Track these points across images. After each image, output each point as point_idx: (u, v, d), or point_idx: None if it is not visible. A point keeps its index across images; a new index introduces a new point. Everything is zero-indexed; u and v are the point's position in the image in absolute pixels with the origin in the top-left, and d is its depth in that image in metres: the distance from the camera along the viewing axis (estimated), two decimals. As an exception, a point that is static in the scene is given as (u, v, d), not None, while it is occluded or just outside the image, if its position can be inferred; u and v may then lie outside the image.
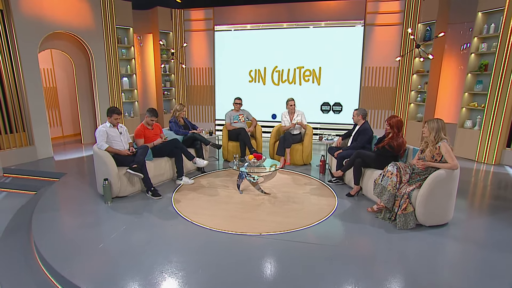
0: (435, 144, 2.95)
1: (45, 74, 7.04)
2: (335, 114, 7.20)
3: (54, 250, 2.59)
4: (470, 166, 5.20)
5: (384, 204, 3.05)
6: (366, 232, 2.93)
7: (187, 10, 7.59)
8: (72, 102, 7.53)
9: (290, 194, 3.84)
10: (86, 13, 6.08)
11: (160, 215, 3.32)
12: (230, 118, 5.47)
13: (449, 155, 2.83)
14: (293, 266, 2.37)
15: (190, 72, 7.98)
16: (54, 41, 6.06)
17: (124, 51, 7.00)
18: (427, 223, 2.93)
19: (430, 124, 2.98)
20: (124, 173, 3.69)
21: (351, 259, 2.47)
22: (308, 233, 2.88)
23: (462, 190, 4.07)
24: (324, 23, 6.91)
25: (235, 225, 3.01)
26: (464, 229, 3.00)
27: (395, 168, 3.05)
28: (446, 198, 2.91)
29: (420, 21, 6.23)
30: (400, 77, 6.65)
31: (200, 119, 8.20)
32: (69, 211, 3.56)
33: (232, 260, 2.45)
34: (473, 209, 3.52)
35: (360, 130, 4.11)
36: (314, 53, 7.08)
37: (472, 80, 5.62)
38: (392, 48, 6.62)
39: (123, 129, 3.97)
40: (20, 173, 4.80)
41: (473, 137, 5.57)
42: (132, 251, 2.58)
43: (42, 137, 5.52)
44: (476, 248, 2.66)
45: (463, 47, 6.07)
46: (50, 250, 2.58)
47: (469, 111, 5.78)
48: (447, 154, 2.84)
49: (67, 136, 7.61)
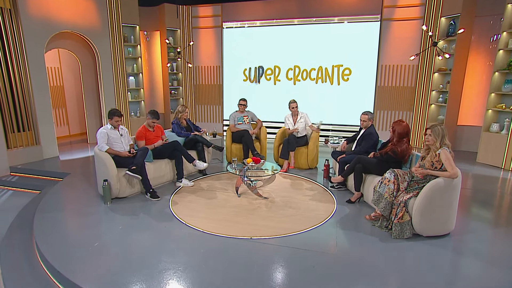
0: (436, 151, 3.07)
1: (52, 73, 7.63)
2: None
3: (54, 249, 2.95)
4: (496, 175, 5.17)
5: (380, 212, 3.20)
6: (359, 240, 3.10)
7: (195, 7, 7.95)
8: (79, 101, 8.10)
9: (288, 199, 4.06)
10: (92, 12, 6.57)
11: (156, 216, 3.64)
12: (234, 120, 5.75)
13: (449, 163, 2.95)
14: (279, 270, 2.60)
15: (197, 70, 8.34)
16: (60, 41, 6.60)
17: (131, 50, 7.46)
18: (425, 233, 3.06)
19: (434, 131, 3.08)
20: (124, 175, 4.05)
21: (336, 267, 2.65)
22: (299, 239, 3.08)
23: (481, 200, 4.12)
24: (337, 18, 7.05)
25: (227, 229, 3.27)
26: (466, 241, 3.09)
27: (392, 175, 3.20)
28: (445, 208, 3.01)
29: (443, 15, 6.23)
30: (420, 76, 6.67)
31: (208, 119, 8.54)
32: (69, 211, 3.96)
33: (220, 263, 2.71)
34: (486, 221, 3.55)
35: (365, 134, 4.25)
36: (328, 50, 7.22)
37: (500, 79, 5.58)
38: (411, 45, 6.65)
39: (124, 131, 4.34)
40: (25, 172, 5.32)
41: (500, 142, 5.52)
42: (125, 250, 2.91)
43: (48, 137, 6.04)
44: (472, 262, 2.76)
45: (493, 38, 5.99)
46: (50, 249, 2.93)
47: (496, 113, 5.74)
48: (447, 162, 2.96)
49: (73, 135, 8.20)
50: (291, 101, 5.34)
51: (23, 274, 2.82)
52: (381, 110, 7.08)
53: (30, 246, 3.21)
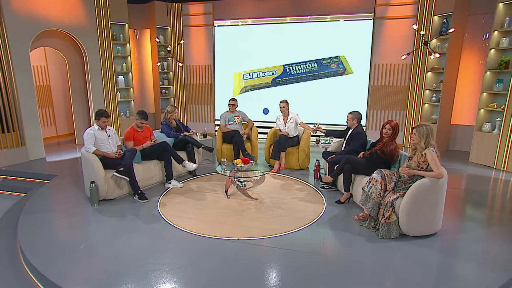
0: (422, 151, 3.18)
1: (38, 71, 7.63)
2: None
3: (39, 251, 3.00)
4: (487, 174, 5.30)
5: (367, 212, 3.30)
6: (346, 240, 3.21)
7: (186, 4, 8.00)
8: (66, 101, 8.11)
9: (278, 199, 4.15)
10: (79, 9, 6.60)
11: (144, 218, 3.71)
12: (225, 120, 5.83)
13: (435, 163, 3.05)
14: (264, 272, 2.68)
15: (188, 69, 8.40)
16: (47, 39, 6.61)
17: (120, 48, 7.49)
18: (411, 233, 3.16)
19: (419, 131, 3.20)
20: (111, 176, 4.10)
21: (324, 268, 2.74)
22: (286, 240, 3.17)
23: (469, 200, 4.24)
24: (330, 17, 7.15)
25: (215, 230, 3.35)
26: (452, 241, 3.20)
27: (379, 176, 3.30)
28: (432, 208, 3.12)
29: (436, 13, 6.36)
30: (413, 75, 6.80)
31: (200, 119, 8.60)
32: (55, 213, 4.01)
33: (207, 263, 2.79)
34: (473, 221, 3.66)
35: (353, 134, 4.36)
36: (320, 49, 7.32)
37: (492, 78, 5.71)
38: (404, 43, 6.77)
39: (111, 132, 4.40)
40: (10, 174, 5.33)
41: (491, 142, 5.66)
42: (112, 252, 2.98)
43: (34, 138, 6.05)
44: (456, 262, 2.86)
45: (485, 37, 6.13)
46: (34, 252, 2.98)
47: (488, 112, 5.87)
48: (432, 162, 3.07)
49: (61, 136, 8.21)
50: (281, 101, 5.43)
51: (6, 278, 2.86)
52: (375, 110, 7.20)
53: (14, 248, 3.26)
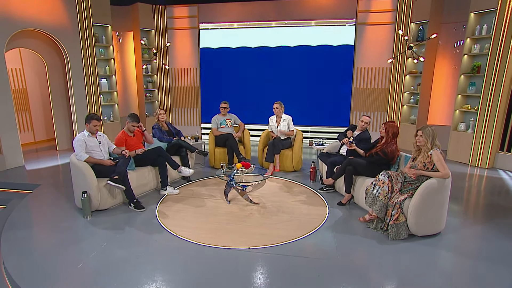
0: (428, 151, 3.08)
1: (13, 74, 6.89)
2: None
3: (26, 272, 2.57)
4: (463, 171, 5.41)
5: (376, 214, 3.16)
6: (358, 243, 3.04)
7: (170, 7, 7.58)
8: (45, 105, 7.40)
9: (279, 203, 3.92)
10: (60, 9, 6.00)
11: (143, 229, 3.33)
12: (217, 123, 5.51)
13: (441, 164, 2.97)
14: (283, 282, 2.44)
15: (174, 73, 7.96)
16: (23, 40, 5.95)
17: (102, 51, 6.94)
18: (419, 233, 3.06)
19: (425, 132, 3.09)
20: (105, 185, 3.67)
21: (342, 274, 2.55)
22: (298, 246, 2.96)
23: (455, 197, 4.24)
24: (314, 22, 7.04)
25: (222, 239, 3.06)
26: (456, 239, 3.14)
27: (386, 177, 3.17)
28: (438, 208, 3.04)
29: (413, 21, 6.44)
30: (393, 78, 6.85)
31: (185, 122, 8.20)
32: (43, 227, 3.51)
33: (220, 278, 2.50)
34: (466, 217, 3.66)
35: (362, 137, 4.19)
36: (305, 53, 7.19)
37: (465, 82, 5.85)
38: (384, 48, 6.80)
39: (102, 138, 3.95)
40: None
41: (466, 140, 5.79)
42: (114, 271, 2.59)
43: (11, 145, 5.41)
44: (467, 260, 2.79)
45: (457, 44, 6.29)
46: (21, 273, 2.55)
47: (463, 113, 6.01)
48: (438, 163, 2.98)
49: (39, 142, 7.46)
50: (274, 102, 5.21)
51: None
52: (358, 111, 7.19)
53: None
